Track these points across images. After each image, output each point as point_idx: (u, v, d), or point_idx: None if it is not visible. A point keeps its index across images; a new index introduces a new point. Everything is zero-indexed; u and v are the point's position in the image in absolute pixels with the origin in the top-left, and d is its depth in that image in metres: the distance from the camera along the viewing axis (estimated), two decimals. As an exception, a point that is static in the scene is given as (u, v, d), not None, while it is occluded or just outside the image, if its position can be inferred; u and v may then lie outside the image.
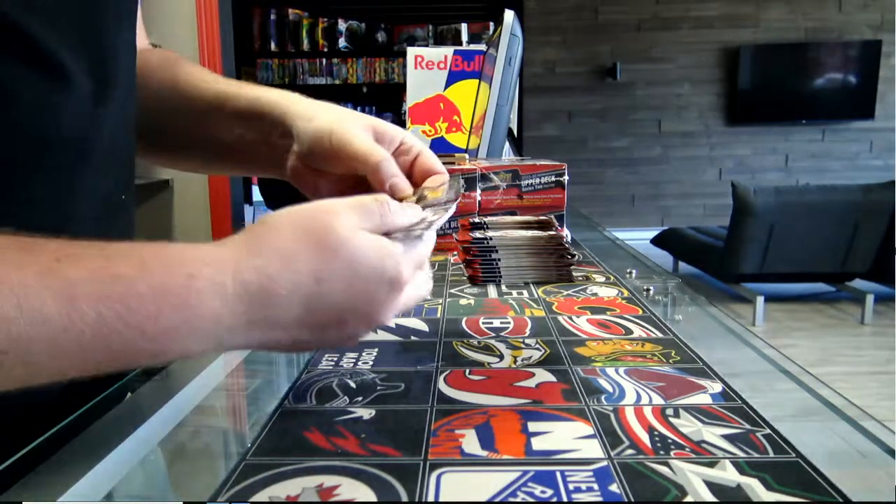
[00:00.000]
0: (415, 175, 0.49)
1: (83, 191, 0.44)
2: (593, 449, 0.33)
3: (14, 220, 0.40)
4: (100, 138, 0.45)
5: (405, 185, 0.46)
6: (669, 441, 0.33)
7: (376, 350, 0.48)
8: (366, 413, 0.37)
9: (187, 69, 0.57)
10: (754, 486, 0.29)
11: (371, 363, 0.46)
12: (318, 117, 0.48)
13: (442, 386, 0.41)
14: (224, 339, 0.33)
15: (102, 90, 0.44)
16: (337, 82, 5.21)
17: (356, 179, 0.48)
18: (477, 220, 0.76)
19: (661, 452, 0.32)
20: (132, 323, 0.30)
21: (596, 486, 0.29)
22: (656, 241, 4.63)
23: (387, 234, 0.38)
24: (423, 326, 0.54)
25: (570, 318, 0.56)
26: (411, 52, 1.37)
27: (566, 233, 0.79)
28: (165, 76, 0.57)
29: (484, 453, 0.32)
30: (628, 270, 0.74)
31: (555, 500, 0.28)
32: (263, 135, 0.52)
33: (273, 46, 5.16)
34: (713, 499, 0.28)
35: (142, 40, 0.61)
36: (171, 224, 2.63)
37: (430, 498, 0.28)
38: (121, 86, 0.47)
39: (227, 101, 0.53)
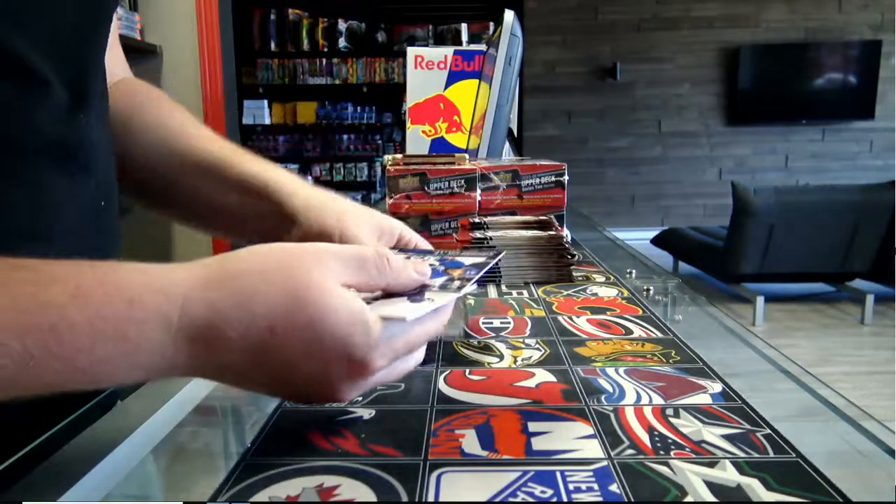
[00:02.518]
0: None
1: (61, 196, 0.44)
2: (593, 449, 0.33)
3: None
4: (80, 145, 0.44)
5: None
6: (669, 441, 0.33)
7: (376, 350, 0.48)
8: (366, 413, 0.37)
9: (178, 119, 0.56)
10: (754, 486, 0.29)
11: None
12: (324, 213, 0.49)
13: (442, 386, 0.41)
14: (167, 372, 0.31)
15: (79, 97, 0.43)
16: (337, 82, 5.21)
17: None
18: (477, 220, 0.76)
19: (661, 452, 0.32)
20: (62, 356, 0.27)
21: (596, 486, 0.29)
22: (656, 241, 4.63)
23: (388, 295, 0.35)
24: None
25: (570, 318, 0.56)
26: (411, 52, 1.37)
27: (566, 233, 0.79)
28: (155, 122, 0.55)
29: (484, 453, 0.32)
30: (628, 270, 0.74)
31: (555, 500, 0.28)
32: (262, 208, 0.51)
33: (273, 46, 5.16)
34: (713, 499, 0.28)
35: (122, 68, 0.60)
36: (171, 224, 2.63)
37: (430, 498, 0.28)
38: (97, 95, 0.46)
39: (224, 168, 0.52)
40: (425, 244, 0.51)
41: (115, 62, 0.56)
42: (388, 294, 0.36)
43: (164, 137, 0.55)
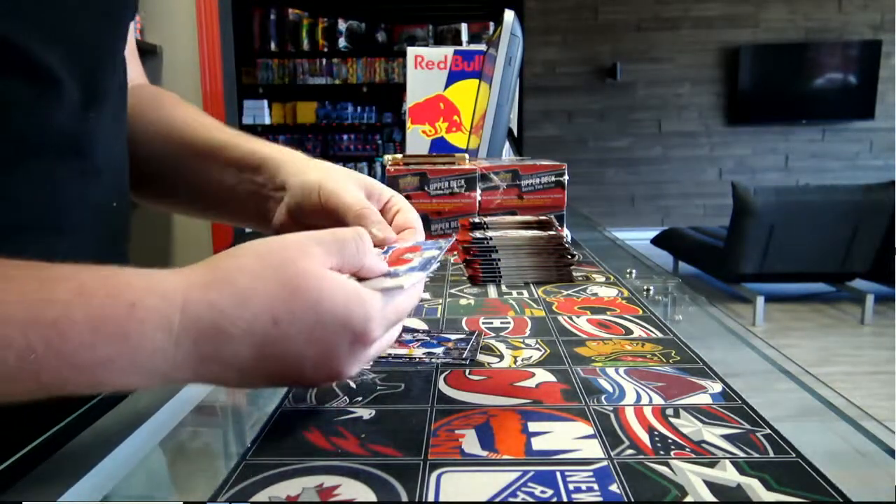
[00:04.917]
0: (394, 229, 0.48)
1: (73, 195, 0.44)
2: (593, 449, 0.33)
3: (8, 216, 0.40)
4: (91, 143, 0.45)
5: (388, 233, 0.45)
6: (669, 441, 0.33)
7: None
8: (366, 413, 0.37)
9: (182, 112, 0.57)
10: (754, 486, 0.29)
11: (371, 363, 0.45)
12: (308, 172, 0.49)
13: (442, 386, 0.41)
14: (169, 374, 0.31)
15: (92, 96, 0.44)
16: (337, 82, 5.21)
17: None
18: (477, 220, 0.76)
19: (661, 452, 0.32)
20: (64, 352, 0.28)
21: (596, 486, 0.29)
22: (656, 241, 4.63)
23: (360, 279, 0.36)
24: (424, 326, 0.54)
25: (570, 318, 0.56)
26: (411, 52, 1.37)
27: (566, 233, 0.79)
28: (159, 116, 0.56)
29: (484, 453, 0.32)
30: (628, 270, 0.74)
31: (555, 500, 0.28)
32: (257, 186, 0.52)
33: (273, 46, 5.16)
34: (713, 499, 0.28)
35: (138, 75, 0.60)
36: (171, 223, 2.63)
37: (430, 498, 0.28)
38: (111, 96, 0.47)
39: (223, 150, 0.53)
40: (413, 214, 0.49)
41: (132, 70, 0.57)
42: (362, 276, 0.36)
43: (166, 130, 0.56)
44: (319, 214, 0.47)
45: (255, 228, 0.56)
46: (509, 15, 1.05)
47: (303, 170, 0.50)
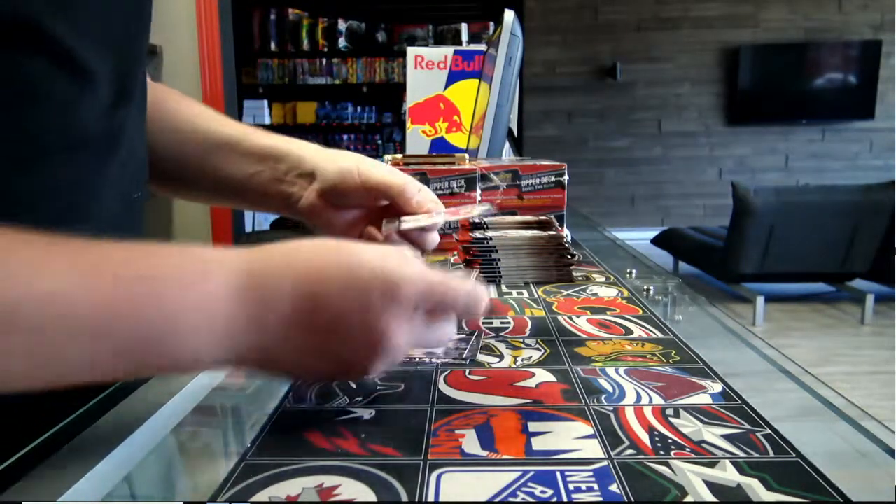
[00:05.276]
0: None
1: (103, 185, 0.46)
2: (593, 449, 0.33)
3: (39, 210, 0.41)
4: (119, 138, 0.46)
5: (429, 202, 0.53)
6: (669, 441, 0.33)
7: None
8: (366, 413, 0.37)
9: (188, 107, 0.61)
10: (754, 486, 0.29)
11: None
12: (341, 158, 0.55)
13: (442, 386, 0.41)
14: (231, 330, 0.32)
15: (122, 93, 0.45)
16: (337, 82, 5.21)
17: (367, 214, 0.56)
18: (477, 219, 0.76)
19: (661, 452, 0.32)
20: (145, 291, 0.30)
21: (596, 486, 0.29)
22: (656, 241, 4.63)
23: None
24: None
25: (570, 318, 0.56)
26: (411, 52, 1.37)
27: (566, 233, 0.79)
28: (172, 110, 0.59)
29: (484, 453, 0.32)
30: (628, 270, 0.74)
31: (555, 500, 0.28)
32: (279, 174, 0.57)
33: (273, 46, 5.16)
34: (713, 499, 0.28)
35: None
36: (172, 219, 2.63)
37: (430, 498, 0.28)
38: (137, 92, 0.49)
39: (242, 141, 0.58)
40: (430, 195, 0.55)
41: None
42: None
43: (186, 123, 0.59)
44: (357, 193, 0.53)
45: (278, 213, 0.61)
46: (509, 15, 1.05)
47: (334, 157, 0.55)
